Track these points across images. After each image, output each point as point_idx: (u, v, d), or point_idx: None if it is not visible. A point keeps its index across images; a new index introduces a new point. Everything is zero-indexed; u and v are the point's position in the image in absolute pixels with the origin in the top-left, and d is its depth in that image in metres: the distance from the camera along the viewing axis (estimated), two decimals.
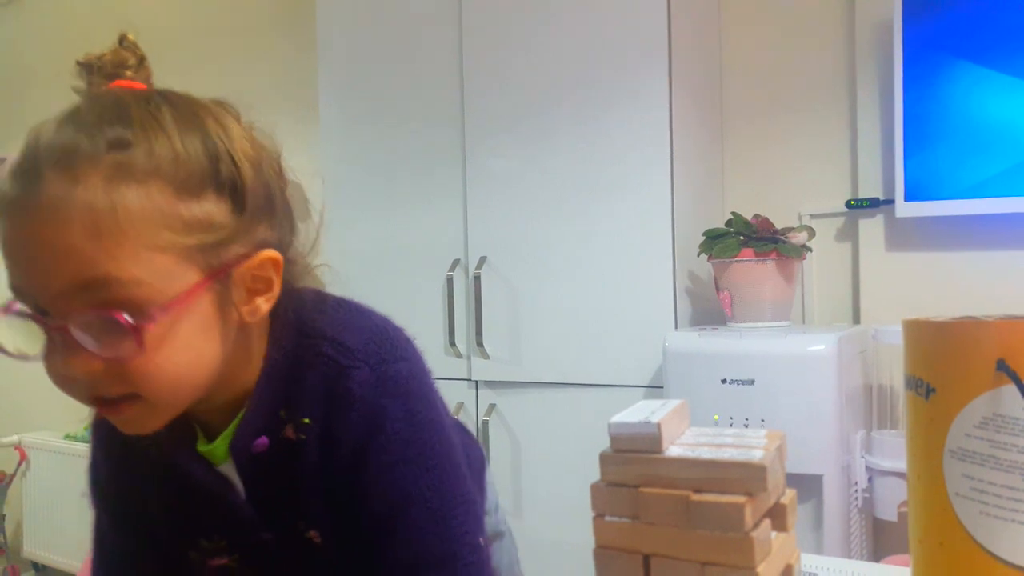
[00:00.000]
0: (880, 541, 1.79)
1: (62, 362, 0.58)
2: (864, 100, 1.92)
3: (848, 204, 1.94)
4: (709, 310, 1.93)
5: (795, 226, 1.81)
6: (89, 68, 0.64)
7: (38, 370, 0.60)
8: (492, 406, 2.01)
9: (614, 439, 0.52)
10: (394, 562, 0.70)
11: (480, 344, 2.00)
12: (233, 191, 0.62)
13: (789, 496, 0.53)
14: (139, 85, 0.66)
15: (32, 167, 0.57)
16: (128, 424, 0.64)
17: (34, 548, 3.38)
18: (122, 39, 0.67)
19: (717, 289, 1.82)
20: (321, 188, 2.23)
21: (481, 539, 0.72)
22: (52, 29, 3.70)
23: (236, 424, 0.71)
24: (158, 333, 0.59)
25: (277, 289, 0.67)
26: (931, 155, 1.76)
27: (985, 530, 0.59)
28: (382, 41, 2.17)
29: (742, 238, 1.76)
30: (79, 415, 3.49)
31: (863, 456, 1.62)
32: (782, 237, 1.75)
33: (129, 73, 0.65)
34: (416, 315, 2.09)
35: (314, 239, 0.72)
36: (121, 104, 0.60)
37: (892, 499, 1.61)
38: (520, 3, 1.95)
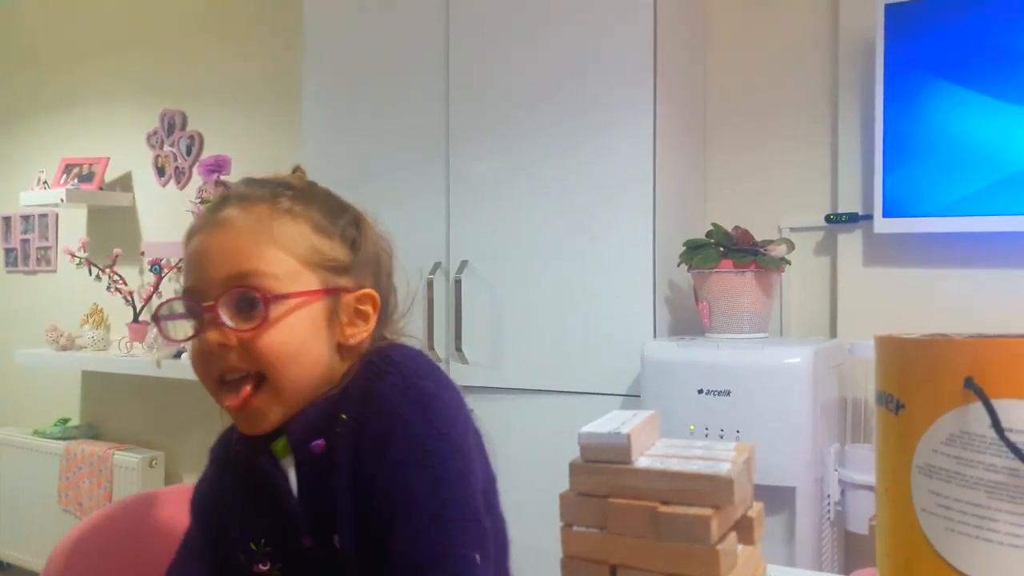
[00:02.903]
0: (851, 554, 1.80)
1: (206, 337, 0.78)
2: (845, 116, 1.94)
3: (827, 219, 1.95)
4: (688, 320, 1.94)
5: (774, 239, 1.82)
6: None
7: (6, 366, 0.61)
8: (470, 412, 2.00)
9: (584, 448, 0.52)
10: (396, 561, 0.74)
11: (459, 349, 1.99)
12: (352, 244, 0.85)
13: (756, 509, 0.53)
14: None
15: (221, 202, 0.84)
16: (251, 418, 0.80)
17: (0, 546, 3.32)
18: (295, 169, 0.91)
19: (696, 299, 1.83)
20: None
21: (478, 556, 0.75)
22: (52, 16, 3.66)
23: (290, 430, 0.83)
24: (279, 313, 0.79)
25: (372, 324, 0.85)
26: (910, 172, 1.78)
27: (951, 546, 0.59)
28: (368, 41, 2.16)
29: (722, 249, 1.77)
30: (47, 411, 3.44)
31: (836, 469, 1.63)
32: (761, 249, 1.76)
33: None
34: None
35: (407, 310, 0.94)
36: (289, 180, 0.88)
37: (863, 512, 1.62)
38: (507, 9, 1.96)
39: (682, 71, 2.00)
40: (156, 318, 0.85)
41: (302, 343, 0.80)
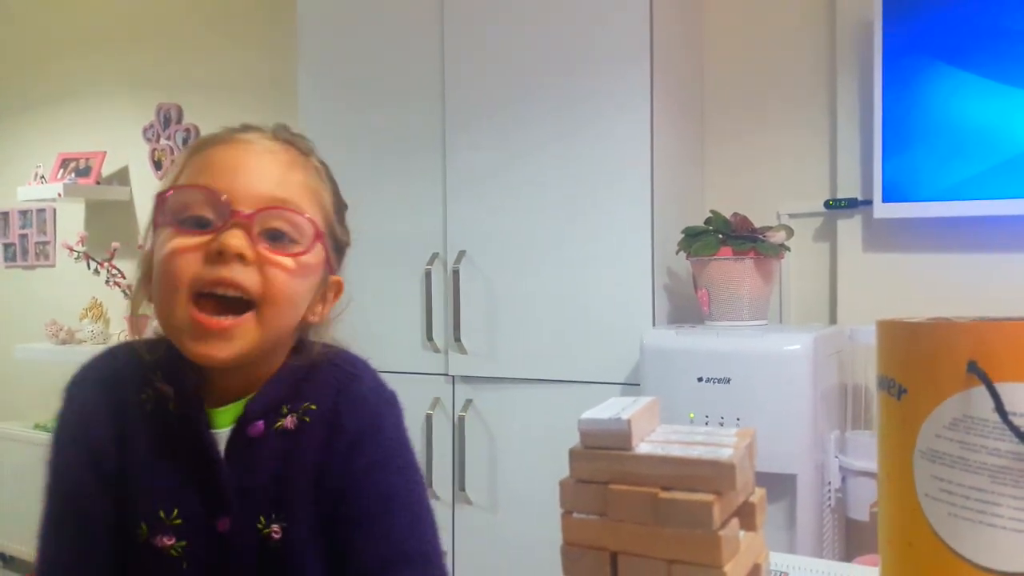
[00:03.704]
0: (852, 541, 1.80)
1: (225, 240, 0.70)
2: (844, 101, 1.93)
3: (826, 204, 1.95)
4: (687, 308, 1.94)
5: (773, 225, 1.82)
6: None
7: (6, 362, 0.59)
8: (469, 401, 2.00)
9: (584, 435, 0.52)
10: (372, 556, 0.75)
11: (458, 339, 1.99)
12: (346, 231, 0.86)
13: (758, 495, 0.52)
14: None
15: (258, 131, 0.79)
16: (222, 340, 0.72)
17: (1, 539, 3.33)
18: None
19: (695, 287, 1.82)
20: None
21: (444, 554, 0.80)
22: (47, 11, 3.64)
23: (250, 397, 0.78)
24: (308, 258, 0.76)
25: (328, 309, 0.84)
26: (909, 157, 1.77)
27: (953, 531, 0.58)
28: (363, 31, 2.15)
29: (721, 236, 1.76)
30: (48, 406, 3.44)
31: (837, 456, 1.63)
32: (761, 236, 1.75)
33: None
34: (394, 309, 2.08)
35: (340, 313, 0.89)
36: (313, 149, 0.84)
37: (864, 499, 1.62)
38: None
39: (678, 57, 1.99)
40: (162, 195, 0.74)
41: (304, 296, 0.78)
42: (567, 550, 0.52)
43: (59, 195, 3.14)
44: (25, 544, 3.22)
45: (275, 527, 0.77)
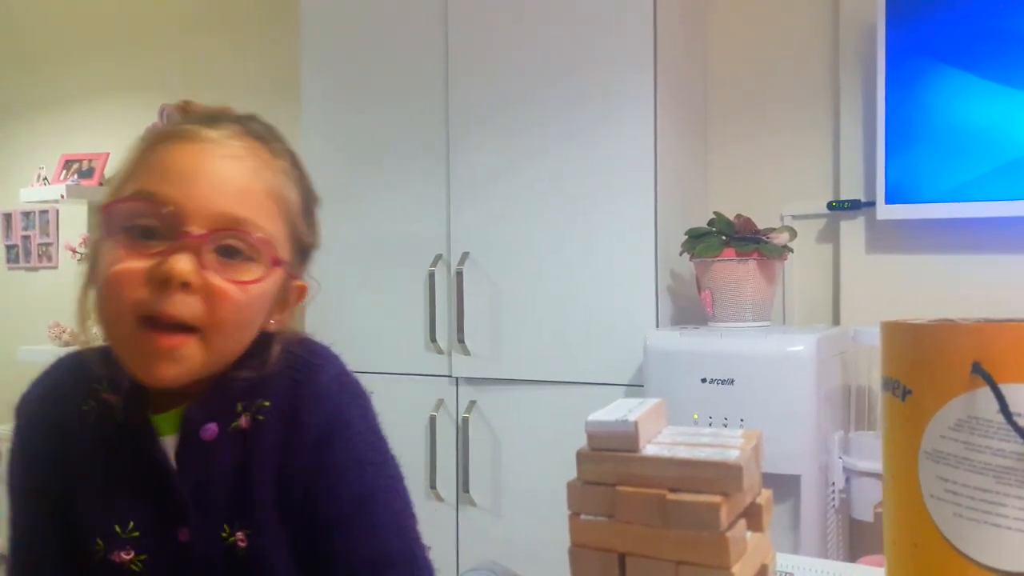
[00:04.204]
0: (856, 541, 1.80)
1: (173, 264, 0.66)
2: (847, 103, 1.93)
3: (830, 206, 1.95)
4: (690, 309, 1.94)
5: (777, 227, 1.82)
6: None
7: (9, 363, 0.59)
8: (472, 403, 2.01)
9: (591, 437, 0.52)
10: (355, 560, 0.72)
11: (461, 340, 1.99)
12: (315, 233, 0.81)
13: (765, 496, 0.53)
14: None
15: (227, 120, 0.75)
16: (169, 360, 0.68)
17: (3, 540, 3.33)
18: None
19: (699, 288, 1.82)
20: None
21: (427, 548, 0.77)
22: (50, 12, 3.65)
23: (190, 404, 0.74)
24: (264, 284, 0.71)
25: (288, 314, 0.79)
26: (912, 158, 1.77)
27: (958, 532, 0.59)
28: (367, 32, 2.15)
29: (724, 238, 1.76)
30: None
31: (841, 457, 1.63)
32: (764, 237, 1.76)
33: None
34: (397, 310, 2.08)
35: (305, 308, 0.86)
36: (287, 143, 0.79)
37: (868, 499, 1.62)
38: None
39: (682, 59, 1.99)
40: (108, 208, 0.69)
41: (257, 317, 0.73)
42: (575, 552, 0.52)
43: (62, 196, 3.14)
44: None
45: (240, 535, 0.73)
